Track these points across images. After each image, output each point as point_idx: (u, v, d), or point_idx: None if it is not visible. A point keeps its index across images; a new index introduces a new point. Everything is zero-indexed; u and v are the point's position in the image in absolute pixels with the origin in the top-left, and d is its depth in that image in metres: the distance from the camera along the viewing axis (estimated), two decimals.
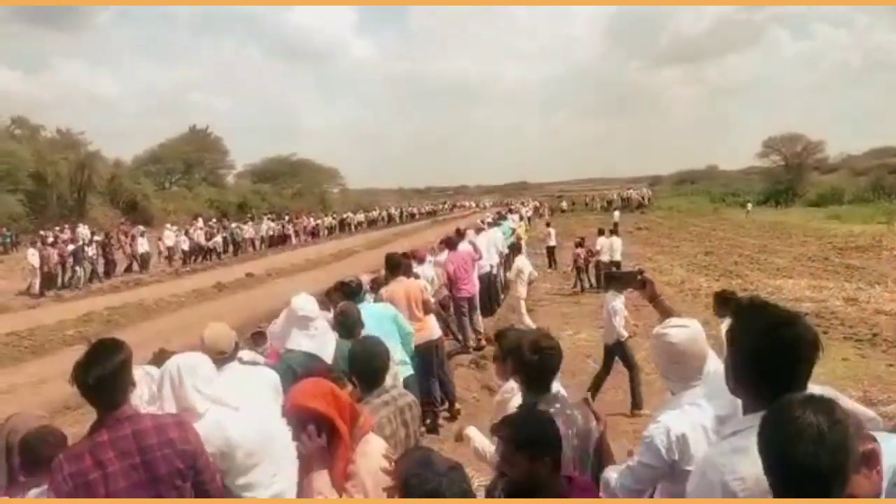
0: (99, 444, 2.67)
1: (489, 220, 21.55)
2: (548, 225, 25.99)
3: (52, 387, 10.55)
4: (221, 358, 3.73)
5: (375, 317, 5.98)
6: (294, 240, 39.05)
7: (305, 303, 4.77)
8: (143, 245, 26.92)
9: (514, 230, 19.75)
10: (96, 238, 25.98)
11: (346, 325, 5.16)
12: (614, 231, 20.86)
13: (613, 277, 3.11)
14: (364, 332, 5.01)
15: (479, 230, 16.29)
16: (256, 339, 6.04)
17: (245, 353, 4.58)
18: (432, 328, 8.07)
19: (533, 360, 3.09)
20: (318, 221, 43.97)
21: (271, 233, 37.32)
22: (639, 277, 3.48)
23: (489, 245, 14.22)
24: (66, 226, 34.31)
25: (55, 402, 9.64)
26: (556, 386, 3.24)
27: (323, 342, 4.70)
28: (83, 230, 31.81)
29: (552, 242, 23.86)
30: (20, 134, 39.73)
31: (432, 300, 8.65)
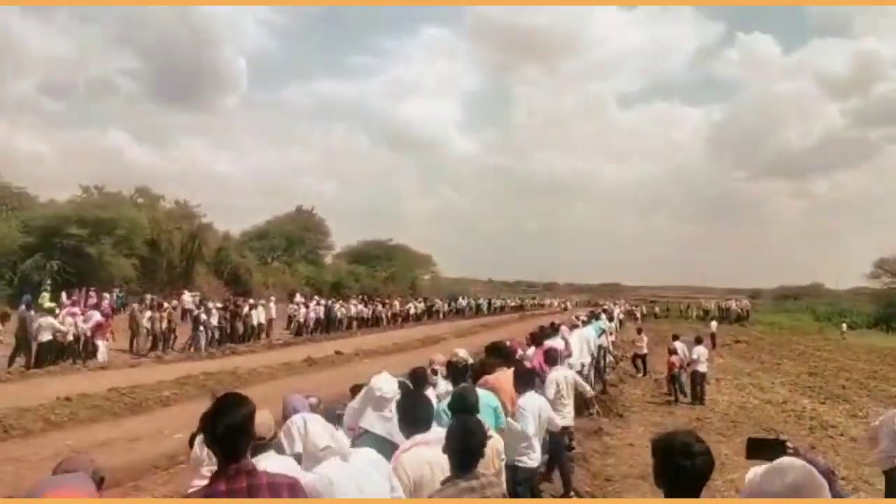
0: (216, 493, 2.74)
1: (583, 317, 21.21)
2: (639, 331, 25.25)
3: (145, 444, 10.86)
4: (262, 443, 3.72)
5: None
6: (386, 322, 39.41)
7: (384, 383, 4.67)
8: (257, 316, 27.90)
9: (604, 330, 19.30)
10: (217, 306, 26.95)
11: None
12: (700, 340, 19.70)
13: (758, 444, 2.75)
14: None
15: (573, 326, 15.65)
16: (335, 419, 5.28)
17: (322, 435, 4.30)
18: None
19: (685, 466, 2.79)
20: (408, 306, 44.39)
21: (363, 314, 37.78)
22: (788, 448, 3.02)
23: (582, 342, 13.79)
24: (173, 292, 36.24)
25: (146, 460, 9.90)
26: None
27: (396, 426, 4.53)
28: (188, 297, 33.15)
29: (643, 350, 23.19)
30: (142, 202, 42.37)
31: None
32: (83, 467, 3.19)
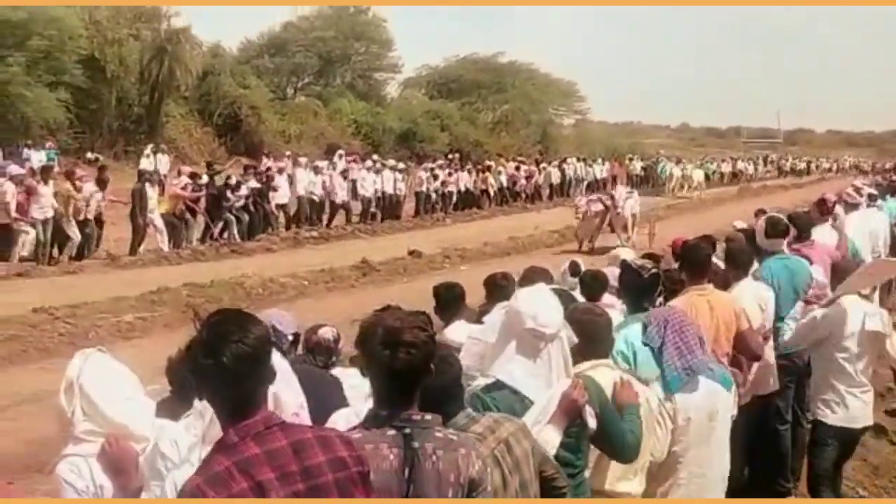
0: (246, 458, 1.85)
1: (868, 189, 11.32)
2: None
3: None
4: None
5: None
6: (491, 201, 25.57)
7: (541, 306, 2.83)
8: (282, 191, 18.07)
9: None
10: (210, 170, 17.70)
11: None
12: None
13: None
14: None
15: (850, 205, 9.16)
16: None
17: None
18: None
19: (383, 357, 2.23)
20: (537, 171, 28.05)
21: (456, 187, 24.01)
22: None
23: (865, 239, 8.13)
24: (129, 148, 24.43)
25: None
26: None
27: (548, 378, 2.80)
28: (150, 161, 20.94)
29: None
30: None
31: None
32: None
